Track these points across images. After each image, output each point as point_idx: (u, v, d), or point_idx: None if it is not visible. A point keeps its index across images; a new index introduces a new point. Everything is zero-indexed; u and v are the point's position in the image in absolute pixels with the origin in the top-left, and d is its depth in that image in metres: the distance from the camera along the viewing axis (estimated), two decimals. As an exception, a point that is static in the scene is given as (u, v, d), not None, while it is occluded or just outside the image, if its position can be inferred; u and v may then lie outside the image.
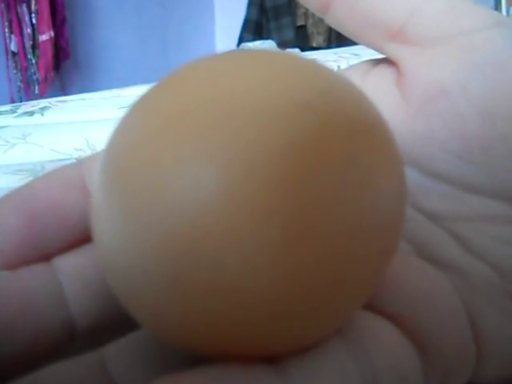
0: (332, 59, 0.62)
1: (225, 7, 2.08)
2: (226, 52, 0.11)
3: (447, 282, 0.13)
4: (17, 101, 1.55)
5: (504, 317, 0.13)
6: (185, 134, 0.10)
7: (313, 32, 1.85)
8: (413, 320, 0.12)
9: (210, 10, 2.10)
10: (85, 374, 0.11)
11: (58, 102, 0.52)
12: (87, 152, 0.38)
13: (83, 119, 0.46)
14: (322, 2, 0.16)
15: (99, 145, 0.38)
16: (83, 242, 0.14)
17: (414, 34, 0.14)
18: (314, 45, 1.83)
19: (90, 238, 0.12)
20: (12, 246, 0.13)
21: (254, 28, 1.87)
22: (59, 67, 1.71)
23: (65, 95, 0.60)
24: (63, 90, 1.72)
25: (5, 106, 0.51)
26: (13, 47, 1.58)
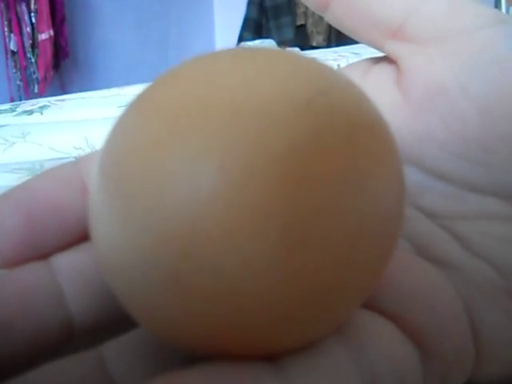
0: (332, 58, 0.62)
1: (224, 5, 2.08)
2: (224, 50, 0.11)
3: (448, 282, 0.13)
4: (16, 100, 1.55)
5: (504, 316, 0.13)
6: (184, 138, 0.10)
7: (312, 31, 1.85)
8: (413, 321, 0.12)
9: (209, 8, 2.10)
10: (84, 372, 0.11)
11: (57, 100, 0.52)
12: (86, 151, 0.38)
13: (82, 118, 0.46)
14: (321, 0, 0.16)
15: (98, 143, 0.38)
16: (82, 240, 0.14)
17: (413, 33, 0.14)
18: (314, 44, 1.83)
19: (88, 237, 0.12)
20: (11, 246, 0.13)
21: (253, 27, 1.87)
22: (59, 66, 1.71)
23: (64, 94, 0.60)
24: (63, 89, 1.71)
25: (4, 105, 0.51)
26: (12, 46, 1.58)
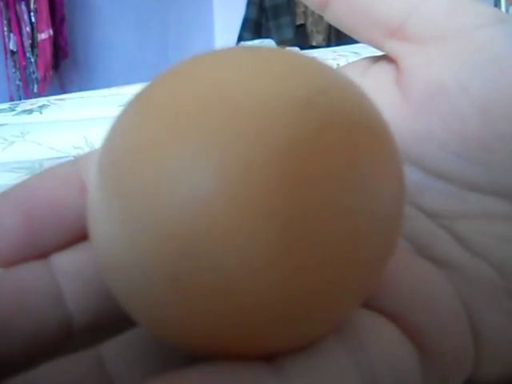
0: (331, 57, 0.62)
1: (224, 5, 2.08)
2: (224, 48, 0.11)
3: (448, 282, 0.13)
4: (16, 100, 1.55)
5: (504, 316, 0.13)
6: (183, 136, 0.09)
7: (312, 31, 1.85)
8: (413, 321, 0.12)
9: (208, 8, 2.10)
10: (83, 372, 0.11)
11: (56, 100, 0.52)
12: (86, 150, 0.38)
13: (82, 117, 0.46)
14: None
15: (98, 143, 0.38)
16: (81, 239, 0.14)
17: (413, 33, 0.14)
18: (314, 43, 1.83)
19: (87, 236, 0.12)
20: (10, 245, 0.13)
21: (253, 27, 1.87)
22: (58, 66, 1.71)
23: (64, 94, 0.60)
24: (62, 89, 1.71)
25: (3, 104, 0.51)
26: (12, 46, 1.58)
